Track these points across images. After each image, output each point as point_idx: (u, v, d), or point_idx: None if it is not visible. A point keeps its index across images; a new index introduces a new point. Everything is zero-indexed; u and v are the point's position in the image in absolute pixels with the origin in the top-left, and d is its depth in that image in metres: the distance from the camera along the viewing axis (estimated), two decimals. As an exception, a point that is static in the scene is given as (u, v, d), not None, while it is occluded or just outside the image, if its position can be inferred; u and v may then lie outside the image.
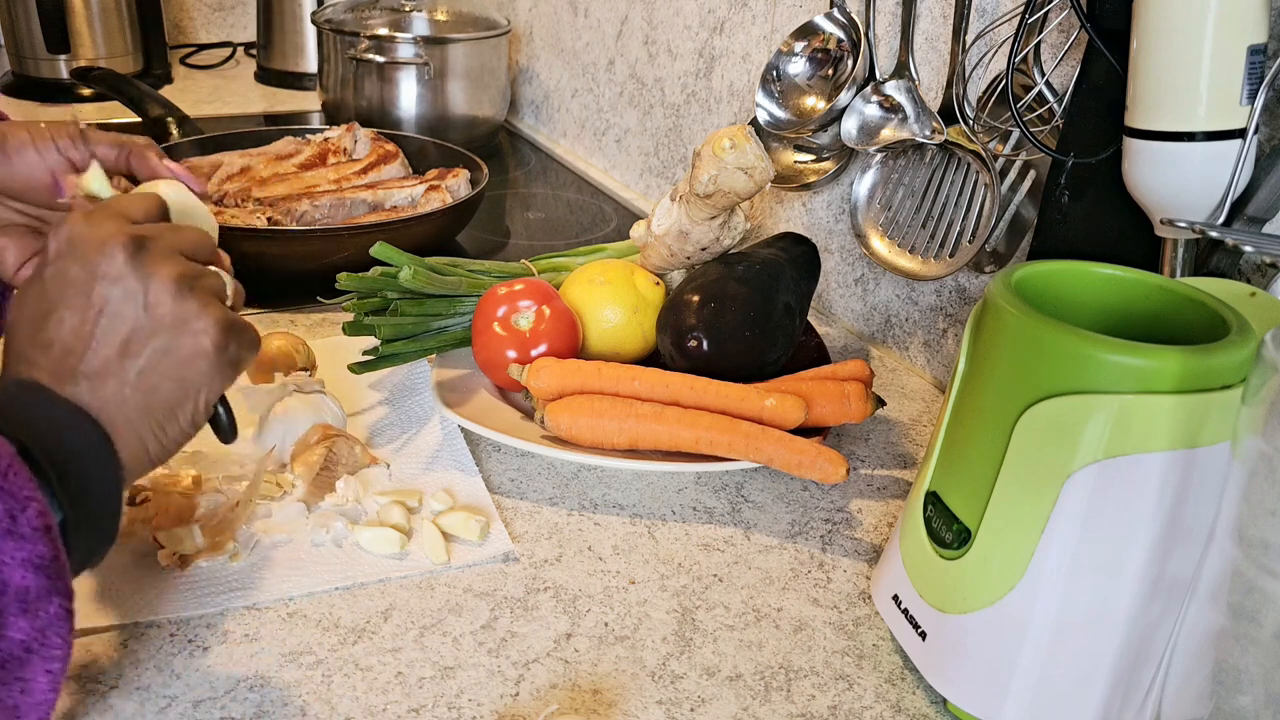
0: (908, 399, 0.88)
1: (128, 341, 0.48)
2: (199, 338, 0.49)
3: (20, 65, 1.61)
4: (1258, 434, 0.37)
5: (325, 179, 1.10)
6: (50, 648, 0.43)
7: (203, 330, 0.49)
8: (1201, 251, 0.64)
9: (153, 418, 0.48)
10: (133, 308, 0.48)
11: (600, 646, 0.59)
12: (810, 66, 0.95)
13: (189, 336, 0.49)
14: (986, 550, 0.51)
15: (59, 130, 0.63)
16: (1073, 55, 0.74)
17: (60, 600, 0.43)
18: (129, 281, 0.49)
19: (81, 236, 0.49)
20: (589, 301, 0.82)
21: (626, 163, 1.36)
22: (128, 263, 0.49)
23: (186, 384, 0.49)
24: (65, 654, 0.43)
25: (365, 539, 0.64)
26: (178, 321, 0.49)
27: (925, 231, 0.86)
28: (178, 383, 0.49)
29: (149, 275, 0.49)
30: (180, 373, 0.49)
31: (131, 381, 0.48)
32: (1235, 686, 0.40)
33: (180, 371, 0.49)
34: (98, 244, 0.49)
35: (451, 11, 1.54)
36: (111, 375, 0.48)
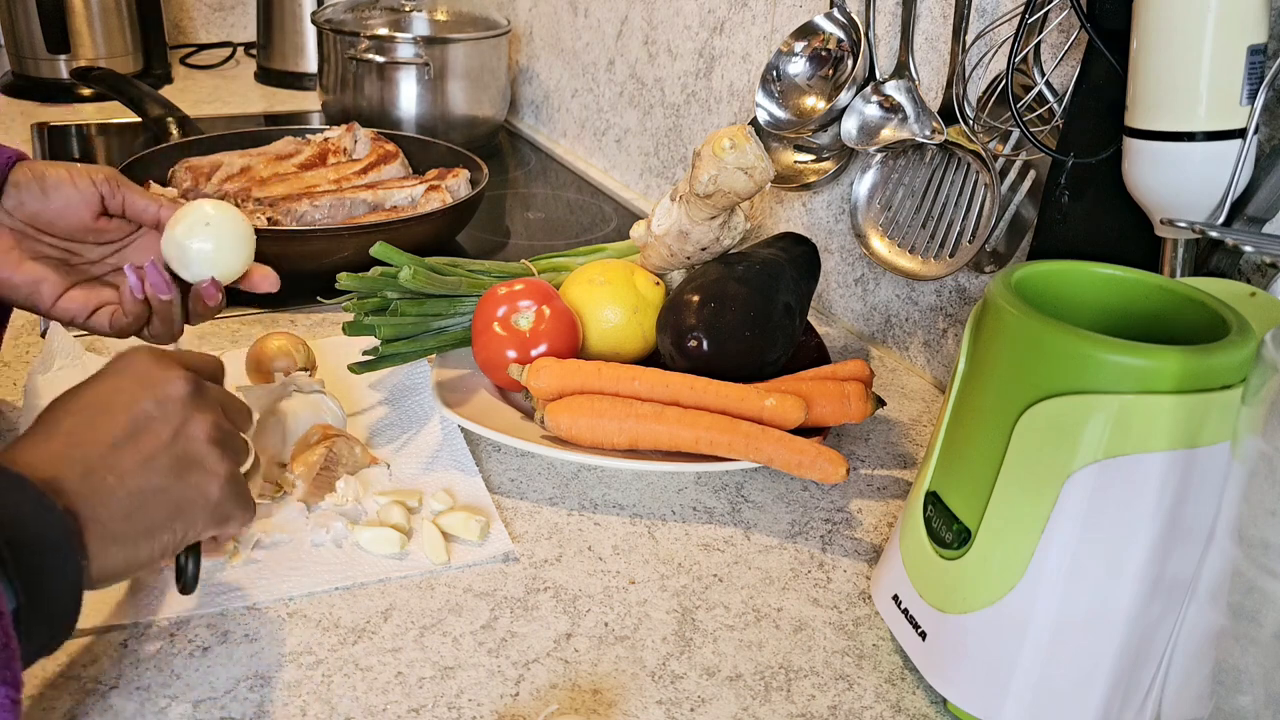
0: (908, 399, 0.88)
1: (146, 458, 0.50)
2: (209, 481, 0.52)
3: (20, 65, 1.61)
4: (1258, 434, 0.37)
5: (325, 179, 1.10)
6: None
7: (214, 475, 0.52)
8: (1201, 251, 0.64)
9: (131, 527, 0.48)
10: (166, 431, 0.51)
11: (600, 646, 0.59)
12: (810, 66, 0.95)
13: (201, 476, 0.51)
14: (986, 550, 0.51)
15: (95, 171, 0.69)
16: (1073, 55, 0.74)
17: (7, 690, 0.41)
18: (174, 409, 0.51)
19: (149, 363, 0.53)
20: (589, 301, 0.82)
21: (626, 163, 1.36)
22: (184, 394, 0.52)
23: (175, 515, 0.50)
24: None
25: (365, 539, 0.64)
26: (198, 460, 0.51)
27: (925, 231, 0.86)
28: (170, 510, 0.50)
29: (195, 411, 0.52)
30: (176, 503, 0.50)
31: (130, 487, 0.49)
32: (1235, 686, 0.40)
33: (176, 502, 0.50)
34: (162, 372, 0.53)
35: (451, 11, 1.54)
36: (113, 474, 0.49)
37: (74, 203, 0.68)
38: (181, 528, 0.50)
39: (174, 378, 0.52)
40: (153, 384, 0.52)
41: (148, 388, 0.51)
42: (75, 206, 0.68)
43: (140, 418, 0.50)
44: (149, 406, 0.51)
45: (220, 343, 0.89)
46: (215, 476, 0.52)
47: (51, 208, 0.67)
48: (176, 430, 0.51)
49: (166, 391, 0.52)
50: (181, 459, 0.51)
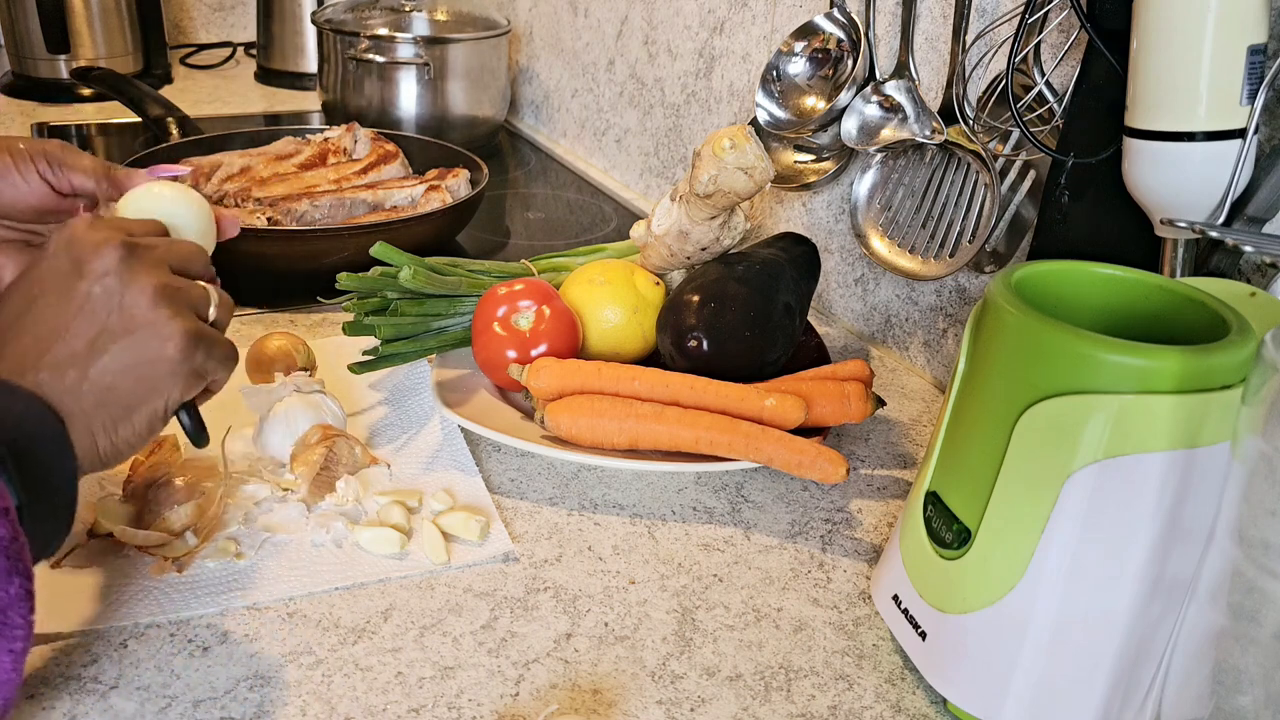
0: (908, 399, 0.88)
1: (96, 338, 0.50)
2: (164, 344, 0.51)
3: (20, 65, 1.61)
4: (1258, 434, 0.37)
5: (325, 179, 1.10)
6: (12, 627, 0.43)
7: (168, 335, 0.51)
8: (1201, 251, 0.64)
9: (107, 413, 0.49)
10: (108, 306, 0.50)
11: (600, 646, 0.59)
12: (810, 66, 0.95)
13: (154, 340, 0.51)
14: (986, 550, 0.51)
15: (38, 151, 0.65)
16: (1073, 55, 0.74)
17: (21, 580, 0.43)
18: (110, 281, 0.51)
19: (79, 237, 0.52)
20: (589, 301, 0.82)
21: (626, 163, 1.36)
22: (116, 264, 0.51)
23: (146, 386, 0.50)
24: (27, 634, 0.44)
25: (365, 539, 0.64)
26: (147, 324, 0.51)
27: (925, 231, 0.86)
28: (137, 383, 0.50)
29: (131, 279, 0.51)
30: (141, 374, 0.50)
31: (92, 376, 0.49)
32: (1235, 686, 0.40)
33: (141, 373, 0.50)
34: (93, 245, 0.51)
35: (451, 11, 1.54)
36: (74, 366, 0.49)
37: (22, 192, 0.65)
38: (157, 397, 0.50)
39: (104, 248, 0.51)
40: (85, 261, 0.51)
41: (80, 266, 0.51)
42: (24, 194, 0.65)
43: (80, 301, 0.50)
44: (85, 287, 0.50)
45: (220, 343, 0.89)
46: (170, 338, 0.51)
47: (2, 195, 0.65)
48: (118, 304, 0.50)
49: (99, 265, 0.51)
50: (129, 331, 0.50)
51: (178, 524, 0.62)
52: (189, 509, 0.63)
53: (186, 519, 0.63)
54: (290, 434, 0.71)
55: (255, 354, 0.78)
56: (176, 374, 0.51)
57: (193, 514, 0.63)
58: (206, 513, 0.64)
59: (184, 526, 0.62)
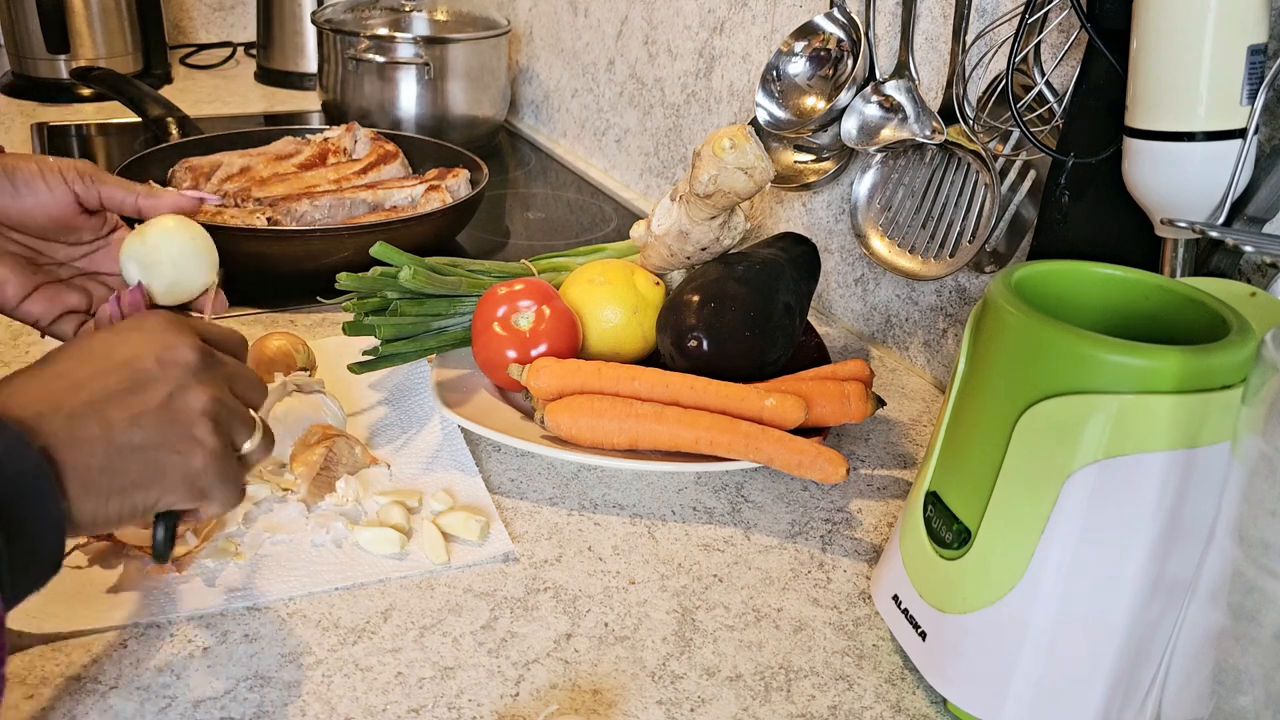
0: (908, 399, 0.88)
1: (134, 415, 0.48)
2: (192, 450, 0.49)
3: (20, 65, 1.61)
4: (1258, 434, 0.37)
5: (325, 179, 1.10)
6: None
7: (199, 446, 0.50)
8: (1201, 251, 0.64)
9: (109, 482, 0.47)
10: (160, 393, 0.49)
11: (600, 646, 0.59)
12: (810, 66, 0.95)
13: (185, 443, 0.49)
14: (986, 550, 0.51)
15: (67, 165, 0.66)
16: (1073, 55, 0.74)
17: None
18: (174, 373, 0.50)
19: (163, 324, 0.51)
20: (589, 301, 0.82)
21: (626, 163, 1.36)
22: (186, 361, 0.50)
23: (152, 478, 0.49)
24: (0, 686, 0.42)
25: (365, 539, 0.64)
26: (186, 429, 0.49)
27: (925, 231, 0.86)
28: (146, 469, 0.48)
29: (195, 381, 0.50)
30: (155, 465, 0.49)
31: (112, 438, 0.47)
32: (1235, 686, 0.40)
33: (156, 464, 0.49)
34: (174, 336, 0.51)
35: (451, 11, 1.54)
36: (99, 422, 0.47)
37: (44, 201, 0.65)
38: (157, 492, 0.49)
39: (184, 344, 0.51)
40: (160, 345, 0.50)
41: (154, 348, 0.50)
42: (45, 204, 0.66)
43: (139, 375, 0.49)
44: (150, 365, 0.49)
45: (220, 343, 0.89)
46: (201, 449, 0.50)
47: (21, 205, 0.65)
48: (172, 394, 0.49)
49: (172, 355, 0.50)
50: (170, 423, 0.49)
51: None
52: None
53: None
54: (290, 434, 0.71)
55: (255, 354, 0.78)
56: (186, 482, 0.50)
57: None
58: None
59: (184, 527, 0.62)
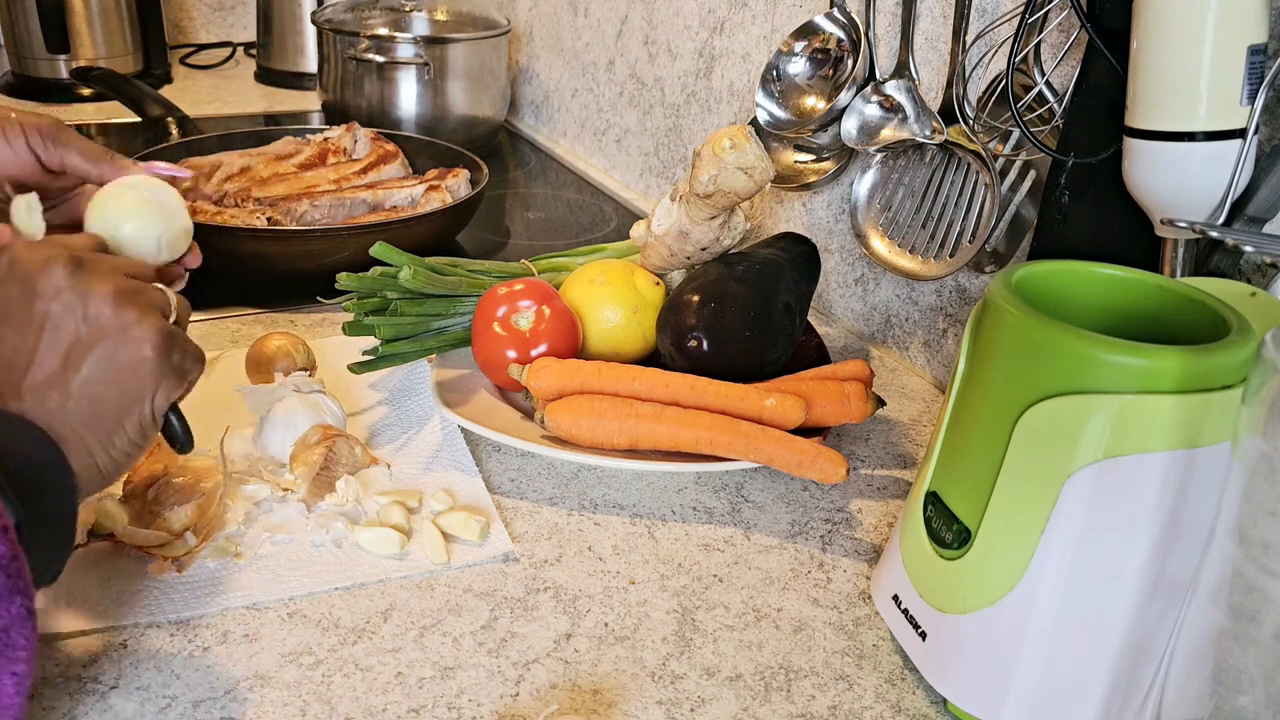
0: (908, 399, 0.88)
1: (69, 354, 0.48)
2: (139, 345, 0.49)
3: (20, 65, 1.61)
4: (1258, 434, 0.37)
5: (325, 179, 1.10)
6: (14, 648, 0.42)
7: (142, 337, 0.50)
8: (1201, 251, 0.64)
9: (100, 428, 0.48)
10: (73, 320, 0.49)
11: (600, 646, 0.59)
12: (810, 66, 0.95)
13: (129, 344, 0.49)
14: (986, 550, 0.51)
15: (31, 124, 0.64)
16: (1073, 55, 0.73)
17: (22, 600, 0.42)
18: (68, 295, 0.49)
19: (22, 259, 0.51)
20: (589, 301, 0.82)
21: (626, 163, 1.36)
22: (67, 279, 0.50)
23: (130, 392, 0.49)
24: (29, 655, 0.43)
25: (365, 539, 0.64)
26: (118, 330, 0.49)
27: (925, 231, 0.86)
28: (121, 391, 0.49)
29: (88, 288, 0.50)
30: (123, 381, 0.49)
31: (75, 393, 0.48)
32: (1235, 686, 0.40)
33: (123, 379, 0.49)
34: (38, 264, 0.50)
35: (451, 11, 1.54)
36: (55, 388, 0.48)
37: (5, 159, 0.64)
38: (143, 401, 0.49)
39: (51, 265, 0.50)
40: (34, 280, 0.50)
41: (31, 287, 0.50)
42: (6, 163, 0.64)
43: (40, 321, 0.49)
44: (42, 306, 0.49)
45: (220, 342, 0.89)
46: (144, 339, 0.49)
47: None
48: (82, 315, 0.49)
49: (50, 282, 0.49)
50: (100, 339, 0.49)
51: (177, 524, 0.62)
52: (189, 509, 0.63)
53: (186, 519, 0.63)
54: (290, 434, 0.71)
55: (255, 354, 0.78)
56: (157, 373, 0.50)
57: (193, 514, 0.63)
58: (206, 513, 0.64)
59: (184, 527, 0.62)
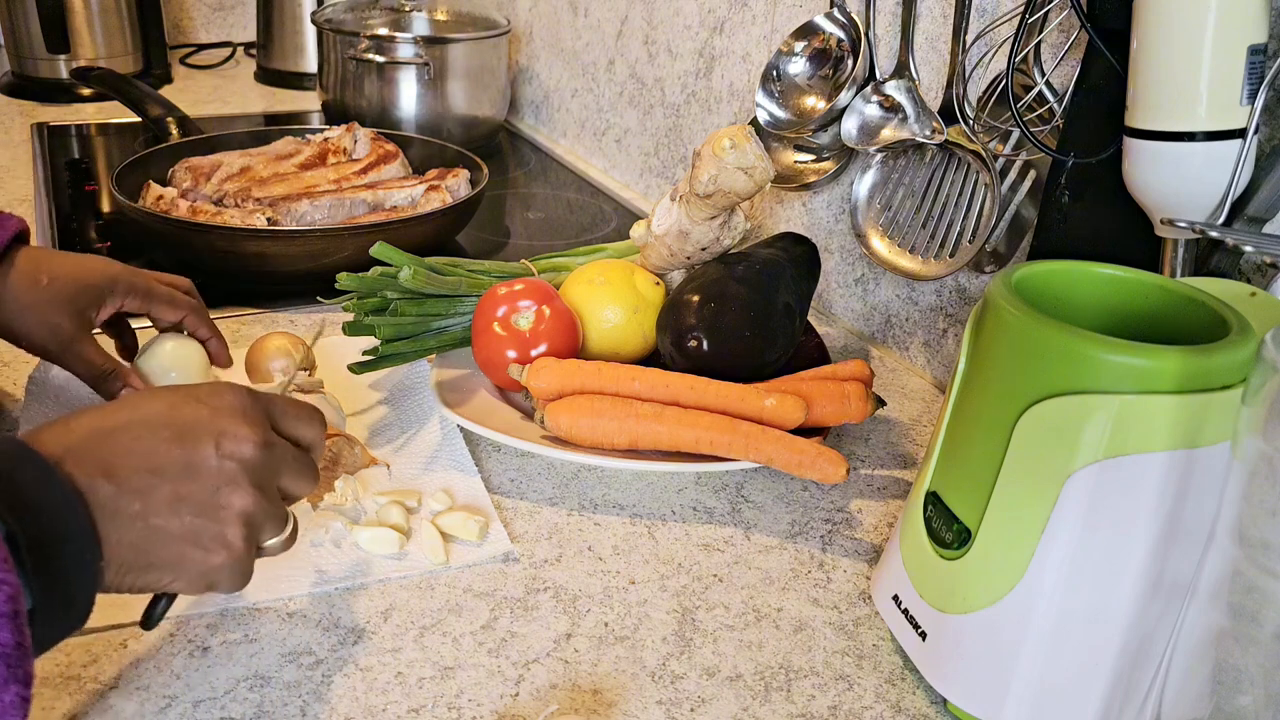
0: (908, 399, 0.88)
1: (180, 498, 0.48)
2: (216, 552, 0.49)
3: (20, 65, 1.61)
4: (1258, 434, 0.37)
5: (325, 179, 1.10)
6: None
7: (224, 549, 0.49)
8: (1201, 251, 0.64)
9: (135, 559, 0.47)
10: (210, 487, 0.48)
11: (600, 646, 0.59)
12: (810, 66, 0.95)
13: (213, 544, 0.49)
14: (986, 550, 0.51)
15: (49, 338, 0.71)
16: (1073, 55, 0.73)
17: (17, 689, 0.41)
18: (231, 470, 0.49)
19: (238, 406, 0.50)
20: (589, 301, 0.82)
21: (626, 163, 1.36)
22: (245, 458, 0.49)
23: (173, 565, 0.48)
24: None
25: (364, 539, 0.64)
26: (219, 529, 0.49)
27: (925, 231, 0.86)
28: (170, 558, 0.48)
29: (246, 482, 0.49)
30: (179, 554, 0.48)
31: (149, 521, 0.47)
32: (1235, 686, 0.40)
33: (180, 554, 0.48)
34: (242, 425, 0.50)
35: (451, 11, 1.54)
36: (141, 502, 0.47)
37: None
38: (171, 576, 0.49)
39: (248, 436, 0.49)
40: (225, 432, 0.49)
41: (217, 432, 0.49)
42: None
43: (195, 462, 0.48)
44: (208, 450, 0.48)
45: (220, 343, 0.89)
46: (227, 551, 0.49)
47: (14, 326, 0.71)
48: (218, 489, 0.48)
49: (233, 447, 0.49)
50: (207, 519, 0.48)
51: None
52: None
53: None
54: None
55: (255, 354, 0.78)
56: (200, 576, 0.49)
57: None
58: None
59: None
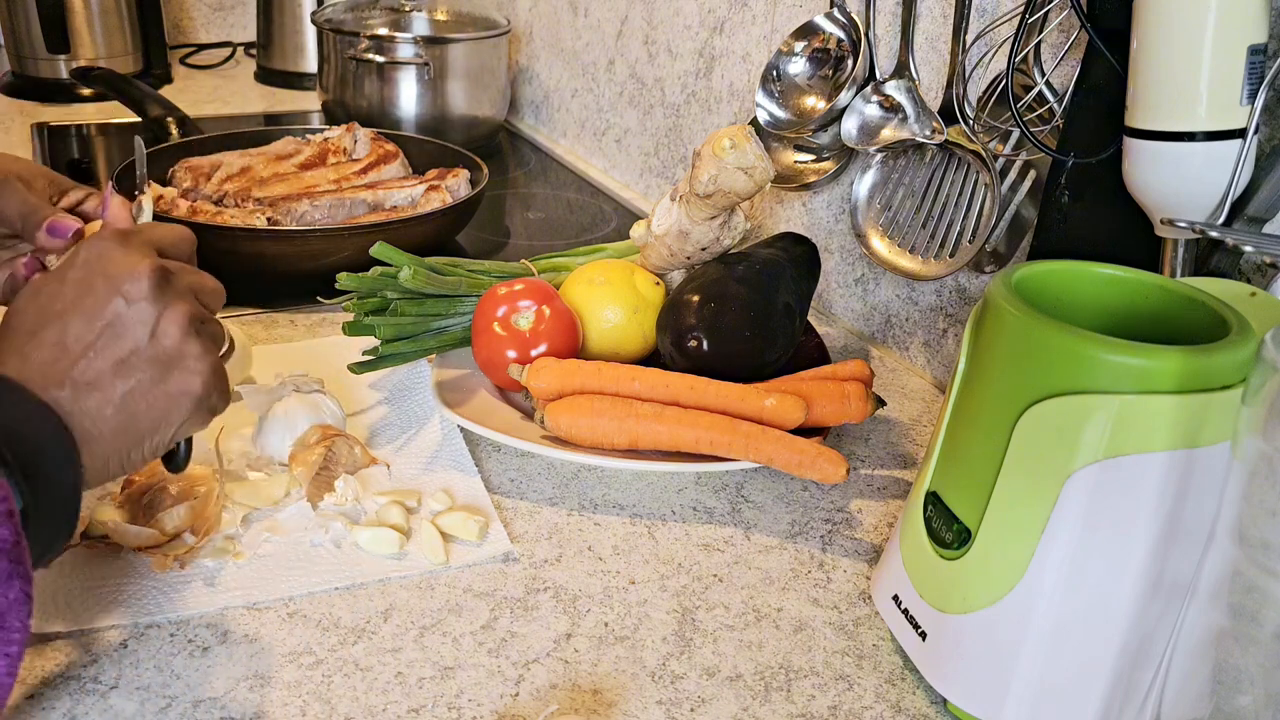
0: (908, 399, 0.88)
1: (124, 361, 0.49)
2: (191, 377, 0.50)
3: (20, 65, 1.61)
4: (1258, 434, 0.37)
5: (325, 179, 1.10)
6: (9, 630, 0.43)
7: (197, 371, 0.50)
8: (1201, 251, 0.64)
9: (124, 439, 0.48)
10: (141, 331, 0.49)
11: (600, 646, 0.59)
12: (810, 66, 0.95)
13: (183, 374, 0.50)
14: (986, 550, 0.51)
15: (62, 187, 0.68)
16: (1073, 55, 0.73)
17: (21, 584, 0.43)
18: (144, 306, 0.50)
19: (113, 255, 0.51)
20: (589, 301, 0.82)
21: (626, 163, 1.36)
22: (150, 290, 0.50)
23: (165, 417, 0.50)
24: (23, 638, 0.43)
25: (364, 539, 0.64)
26: (178, 357, 0.50)
27: (925, 231, 0.86)
28: (158, 414, 0.49)
29: (165, 306, 0.50)
30: (163, 405, 0.49)
31: (115, 401, 0.48)
32: (1235, 686, 0.40)
33: (164, 404, 0.49)
34: (128, 265, 0.50)
35: (451, 11, 1.54)
36: (98, 389, 0.48)
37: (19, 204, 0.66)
38: (168, 428, 0.49)
39: (140, 269, 0.50)
40: (119, 278, 0.50)
41: (114, 283, 0.50)
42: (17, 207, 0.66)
43: (113, 320, 0.49)
44: (119, 306, 0.49)
45: (220, 343, 0.89)
46: (198, 372, 0.50)
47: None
48: (151, 329, 0.49)
49: (135, 286, 0.50)
50: (161, 359, 0.49)
51: (170, 525, 0.62)
52: (183, 510, 0.63)
53: (180, 520, 0.63)
54: (289, 434, 0.71)
55: None
56: (196, 409, 0.50)
57: (186, 516, 0.63)
58: (203, 513, 0.64)
59: (176, 528, 0.62)
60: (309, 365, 0.83)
